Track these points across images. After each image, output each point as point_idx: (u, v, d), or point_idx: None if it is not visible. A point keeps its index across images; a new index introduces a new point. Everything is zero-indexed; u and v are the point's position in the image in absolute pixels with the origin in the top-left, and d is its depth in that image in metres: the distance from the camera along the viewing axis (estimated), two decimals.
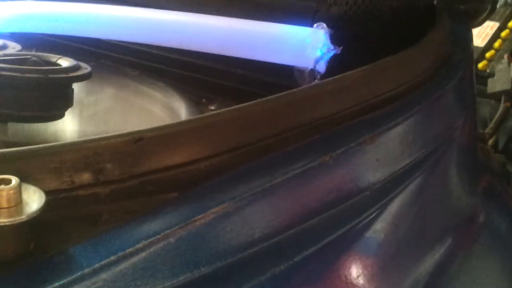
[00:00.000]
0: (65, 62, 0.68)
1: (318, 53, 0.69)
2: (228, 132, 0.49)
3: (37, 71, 0.63)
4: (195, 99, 0.77)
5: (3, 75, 0.60)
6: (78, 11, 0.82)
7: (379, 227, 0.56)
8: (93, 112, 0.74)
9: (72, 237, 0.42)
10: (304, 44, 0.69)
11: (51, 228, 0.42)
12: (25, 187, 0.39)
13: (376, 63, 0.63)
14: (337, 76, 0.60)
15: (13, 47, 0.74)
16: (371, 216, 0.55)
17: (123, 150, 0.44)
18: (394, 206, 0.58)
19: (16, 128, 0.68)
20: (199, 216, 0.43)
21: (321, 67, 0.70)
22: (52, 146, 0.42)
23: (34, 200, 0.40)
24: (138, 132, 0.44)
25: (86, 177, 0.44)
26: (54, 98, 0.65)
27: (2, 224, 0.38)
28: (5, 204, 0.39)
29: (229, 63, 0.78)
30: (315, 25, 0.70)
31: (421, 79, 0.68)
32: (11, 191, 0.38)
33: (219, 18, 0.73)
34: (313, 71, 0.72)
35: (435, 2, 0.87)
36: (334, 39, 0.68)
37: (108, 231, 0.42)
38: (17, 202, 0.39)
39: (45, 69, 0.63)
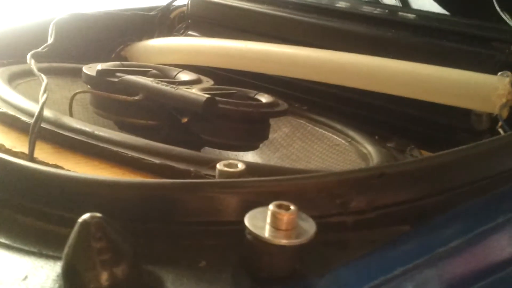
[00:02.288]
0: (262, 97, 0.74)
1: (504, 100, 0.72)
2: (453, 172, 0.53)
3: (248, 106, 0.69)
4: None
5: (222, 108, 0.67)
6: (258, 49, 0.88)
7: None
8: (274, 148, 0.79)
9: (328, 260, 0.46)
10: (490, 90, 0.72)
11: (310, 251, 0.46)
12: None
13: None
14: None
15: (207, 81, 0.81)
16: None
17: (367, 184, 0.49)
18: None
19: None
20: (441, 249, 0.47)
21: (504, 113, 0.73)
22: (312, 177, 0.47)
23: (305, 226, 0.45)
24: (380, 168, 0.49)
25: (337, 206, 0.48)
26: (257, 130, 0.71)
27: (284, 244, 0.43)
28: (284, 227, 0.44)
29: (402, 103, 0.82)
30: (499, 73, 0.73)
31: None
32: (291, 216, 0.43)
33: (401, 62, 0.78)
34: (490, 116, 0.75)
35: None
36: None
37: (360, 257, 0.46)
38: (294, 227, 0.44)
39: (255, 104, 0.70)
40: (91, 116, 0.79)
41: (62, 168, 0.56)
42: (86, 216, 0.40)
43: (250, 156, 0.78)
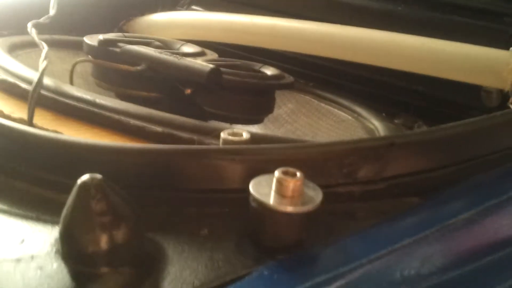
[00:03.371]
0: (268, 70, 0.72)
1: None
2: (464, 144, 0.51)
3: (253, 77, 0.67)
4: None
5: (226, 79, 0.65)
6: (265, 23, 0.86)
7: None
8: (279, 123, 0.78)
9: (335, 230, 0.45)
10: (502, 65, 0.70)
11: (317, 220, 0.45)
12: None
13: None
14: None
15: (211, 54, 0.79)
16: None
17: (377, 153, 0.47)
18: None
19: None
20: (451, 221, 0.45)
21: None
22: (318, 144, 0.46)
23: (311, 193, 0.43)
24: (389, 137, 0.47)
25: (345, 175, 0.47)
26: (261, 103, 0.70)
27: (289, 212, 0.41)
28: (289, 194, 0.42)
29: (409, 80, 0.80)
30: (511, 48, 0.72)
31: None
32: (297, 183, 0.42)
33: (409, 36, 0.76)
34: (500, 93, 0.73)
35: None
36: None
37: (368, 228, 0.45)
38: (300, 194, 0.42)
39: (260, 75, 0.68)
40: (92, 87, 0.78)
41: (61, 134, 0.55)
42: (85, 177, 0.39)
43: (254, 130, 0.77)
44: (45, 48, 0.67)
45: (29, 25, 0.79)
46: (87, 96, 0.59)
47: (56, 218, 0.47)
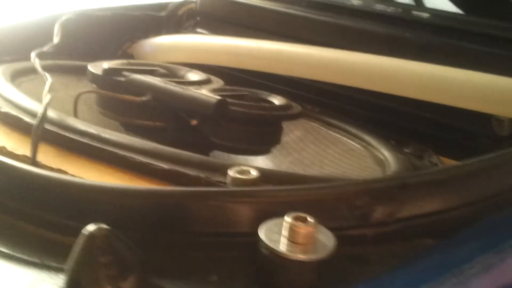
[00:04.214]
0: (275, 99, 0.71)
1: None
2: (479, 182, 0.50)
3: (260, 108, 0.66)
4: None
5: (233, 110, 0.64)
6: (270, 48, 0.85)
7: None
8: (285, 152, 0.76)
9: (348, 276, 0.43)
10: None
11: (328, 265, 0.43)
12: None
13: None
14: None
15: (217, 81, 0.78)
16: None
17: (390, 195, 0.46)
18: None
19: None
20: (467, 265, 0.44)
21: None
22: (330, 186, 0.44)
23: (323, 239, 0.42)
24: (402, 177, 0.46)
25: (357, 217, 0.45)
26: (269, 134, 0.68)
27: (301, 260, 0.40)
28: (301, 241, 0.41)
29: (418, 106, 0.79)
30: None
31: None
32: (309, 229, 0.41)
33: (418, 63, 0.75)
34: None
35: None
36: None
37: (382, 273, 0.43)
38: (312, 240, 0.41)
39: (267, 106, 0.67)
40: (96, 116, 0.77)
41: (66, 173, 0.54)
42: (91, 227, 0.38)
43: (261, 161, 0.75)
44: (48, 80, 0.65)
45: (33, 54, 0.78)
46: (92, 130, 0.58)
47: (61, 264, 0.45)
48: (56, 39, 0.88)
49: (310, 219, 0.41)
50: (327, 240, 0.42)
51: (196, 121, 0.67)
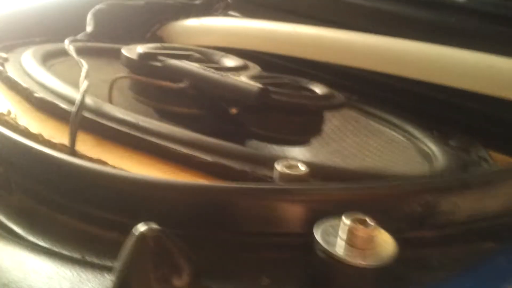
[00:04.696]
0: (317, 88, 0.68)
1: None
2: None
3: (303, 97, 0.63)
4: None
5: (274, 98, 0.61)
6: (308, 33, 0.82)
7: None
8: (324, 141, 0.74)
9: (409, 282, 0.41)
10: None
11: (387, 269, 0.41)
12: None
13: None
14: None
15: (254, 67, 0.75)
16: None
17: (452, 195, 0.43)
18: None
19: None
20: None
21: None
22: (396, 185, 0.42)
23: (383, 243, 0.39)
24: (464, 177, 0.43)
25: (417, 219, 0.43)
26: (310, 124, 0.66)
27: (362, 266, 0.38)
28: (361, 246, 0.38)
29: (463, 96, 0.76)
30: None
31: None
32: (371, 234, 0.38)
33: (466, 52, 0.71)
34: None
35: None
36: None
37: (443, 279, 0.41)
38: (373, 245, 0.39)
39: (310, 95, 0.64)
40: (128, 101, 0.74)
41: (106, 163, 0.51)
42: (142, 227, 0.36)
43: (298, 151, 0.73)
44: (85, 66, 0.63)
45: (66, 42, 0.76)
46: (132, 118, 0.56)
47: (104, 261, 0.44)
48: (89, 28, 0.86)
49: (370, 222, 0.39)
50: (387, 244, 0.40)
51: (235, 110, 0.65)
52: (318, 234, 0.40)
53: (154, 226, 0.36)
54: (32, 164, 0.50)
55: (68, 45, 0.74)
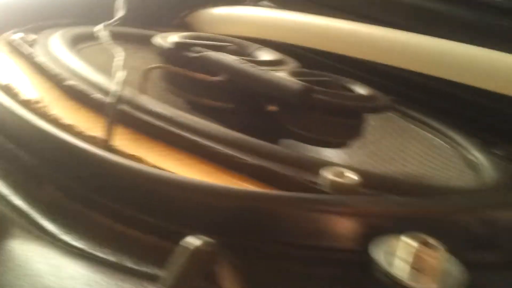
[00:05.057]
0: (359, 88, 0.65)
1: None
2: None
3: (346, 98, 0.60)
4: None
5: (317, 98, 0.58)
6: (348, 28, 0.79)
7: None
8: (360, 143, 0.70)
9: None
10: None
11: None
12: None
13: None
14: None
15: (292, 62, 0.72)
16: None
17: None
18: None
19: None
20: None
21: None
22: (455, 201, 0.39)
23: (450, 267, 0.37)
24: None
25: (483, 239, 0.40)
26: (352, 126, 0.63)
27: None
28: (429, 272, 0.35)
29: (505, 101, 0.72)
30: None
31: None
32: (440, 259, 0.35)
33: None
34: None
35: None
36: None
37: None
38: (441, 271, 0.36)
39: (354, 96, 0.61)
40: (158, 91, 0.71)
41: (143, 161, 0.48)
42: (196, 242, 0.33)
43: (333, 151, 0.70)
44: (122, 55, 0.60)
45: (99, 28, 0.73)
46: (169, 113, 0.53)
47: (142, 267, 0.41)
48: (120, 12, 0.83)
49: (438, 245, 0.36)
50: (453, 268, 0.37)
51: (274, 107, 0.61)
52: (377, 254, 0.37)
53: (209, 240, 0.33)
54: (66, 158, 0.47)
55: (101, 30, 0.71)
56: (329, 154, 0.69)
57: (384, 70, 0.81)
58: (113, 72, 0.58)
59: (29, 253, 0.41)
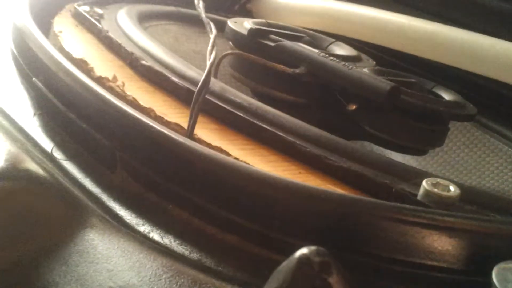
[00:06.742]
0: (444, 93, 0.61)
1: None
2: None
3: (434, 102, 0.56)
4: None
5: (404, 100, 0.54)
6: (425, 28, 0.75)
7: None
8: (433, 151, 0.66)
9: None
10: None
11: None
12: None
13: None
14: None
15: (367, 60, 0.68)
16: None
17: None
18: None
19: None
20: None
21: None
22: None
23: None
24: None
25: None
26: (436, 133, 0.59)
27: None
28: None
29: None
30: None
31: None
32: None
33: None
34: None
35: None
36: None
37: None
38: None
39: (443, 101, 0.57)
40: (225, 79, 0.68)
41: (227, 154, 0.45)
42: (307, 250, 0.29)
43: (401, 158, 0.66)
44: (213, 32, 0.56)
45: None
46: (253, 106, 0.50)
47: (222, 268, 0.38)
48: None
49: None
50: None
51: (354, 106, 0.58)
52: (499, 280, 0.34)
53: (321, 249, 0.30)
54: (145, 144, 0.44)
55: (198, 3, 0.67)
56: (404, 160, 0.66)
57: (458, 75, 0.77)
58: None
59: (109, 245, 0.38)
